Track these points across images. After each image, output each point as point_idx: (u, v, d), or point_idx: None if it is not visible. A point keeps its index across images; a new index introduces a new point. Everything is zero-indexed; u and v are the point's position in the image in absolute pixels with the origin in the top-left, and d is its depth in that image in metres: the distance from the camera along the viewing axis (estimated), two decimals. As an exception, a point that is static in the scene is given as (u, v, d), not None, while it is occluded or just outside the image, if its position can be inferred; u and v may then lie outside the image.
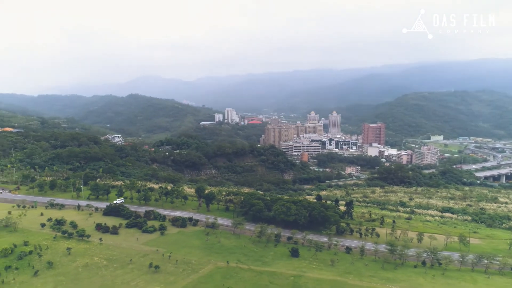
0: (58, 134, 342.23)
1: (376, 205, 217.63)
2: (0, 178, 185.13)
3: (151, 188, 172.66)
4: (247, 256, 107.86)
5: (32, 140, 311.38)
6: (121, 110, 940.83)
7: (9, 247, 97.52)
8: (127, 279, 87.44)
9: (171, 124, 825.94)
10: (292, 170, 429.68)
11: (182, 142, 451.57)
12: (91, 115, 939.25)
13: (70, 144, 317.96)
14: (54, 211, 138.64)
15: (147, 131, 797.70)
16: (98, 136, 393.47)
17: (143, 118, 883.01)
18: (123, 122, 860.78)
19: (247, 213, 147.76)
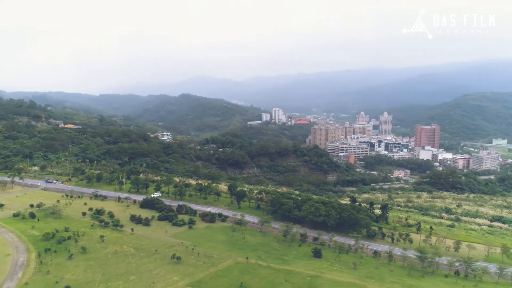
0: (112, 131, 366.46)
1: (418, 211, 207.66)
2: (56, 170, 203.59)
3: (188, 184, 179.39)
4: (269, 254, 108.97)
5: (89, 136, 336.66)
6: (173, 109, 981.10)
7: (51, 232, 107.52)
8: (149, 268, 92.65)
9: (219, 123, 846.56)
10: (336, 171, 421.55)
11: (226, 141, 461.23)
12: (146, 113, 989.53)
13: (122, 141, 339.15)
14: (97, 202, 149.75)
15: (197, 129, 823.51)
16: (147, 134, 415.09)
17: (194, 117, 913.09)
18: (174, 121, 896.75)
19: (276, 212, 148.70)
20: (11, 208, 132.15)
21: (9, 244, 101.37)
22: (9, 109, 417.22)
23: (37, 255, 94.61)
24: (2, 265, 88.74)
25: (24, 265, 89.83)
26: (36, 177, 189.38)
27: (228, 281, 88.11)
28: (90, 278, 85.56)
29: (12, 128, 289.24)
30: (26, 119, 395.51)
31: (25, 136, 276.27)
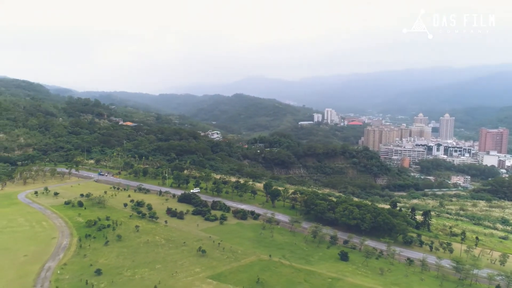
0: (164, 129, 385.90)
1: (469, 220, 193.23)
2: (109, 164, 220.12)
3: (226, 181, 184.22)
4: (294, 253, 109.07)
5: (143, 133, 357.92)
6: (226, 109, 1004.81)
7: (94, 220, 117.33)
8: (175, 258, 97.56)
9: (270, 123, 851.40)
10: (387, 175, 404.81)
11: (274, 141, 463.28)
12: (201, 112, 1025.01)
13: (173, 138, 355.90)
14: (140, 194, 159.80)
15: (248, 129, 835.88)
16: (197, 132, 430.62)
17: (246, 117, 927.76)
18: (227, 120, 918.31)
19: (309, 213, 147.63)
20: (64, 197, 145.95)
21: (57, 228, 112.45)
22: (76, 107, 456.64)
23: (78, 240, 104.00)
24: (48, 247, 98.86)
25: (66, 248, 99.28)
26: (90, 170, 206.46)
27: (247, 276, 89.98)
28: (120, 263, 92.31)
29: (76, 125, 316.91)
30: (90, 117, 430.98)
31: (86, 132, 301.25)
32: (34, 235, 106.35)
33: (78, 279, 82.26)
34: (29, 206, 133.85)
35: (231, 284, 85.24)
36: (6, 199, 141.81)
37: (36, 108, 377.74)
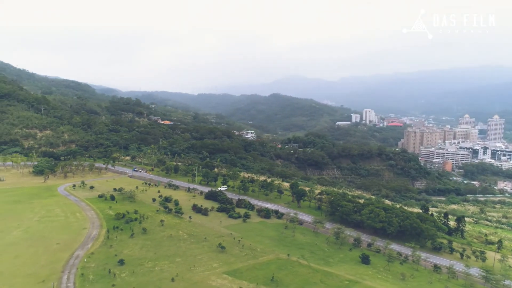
0: (199, 128, 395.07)
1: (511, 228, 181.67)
2: (143, 160, 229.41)
3: (253, 180, 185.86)
4: (313, 254, 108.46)
5: (179, 131, 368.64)
6: (263, 109, 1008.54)
7: (122, 213, 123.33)
8: (195, 253, 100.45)
9: (306, 123, 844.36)
10: (426, 178, 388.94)
11: (308, 141, 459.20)
12: (238, 112, 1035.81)
13: (207, 137, 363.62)
14: (169, 190, 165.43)
15: (284, 129, 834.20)
16: (232, 131, 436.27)
17: (282, 116, 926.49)
18: (263, 120, 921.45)
19: (334, 214, 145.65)
20: (98, 190, 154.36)
21: (89, 219, 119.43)
22: (118, 106, 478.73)
23: (106, 231, 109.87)
24: (78, 236, 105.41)
25: (95, 238, 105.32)
26: (126, 166, 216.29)
27: (263, 274, 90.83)
28: (143, 255, 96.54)
29: (116, 123, 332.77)
30: (131, 115, 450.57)
31: (125, 130, 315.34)
32: (67, 225, 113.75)
33: (102, 268, 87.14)
34: (66, 198, 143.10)
35: (246, 281, 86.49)
36: (47, 191, 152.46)
37: (82, 106, 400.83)
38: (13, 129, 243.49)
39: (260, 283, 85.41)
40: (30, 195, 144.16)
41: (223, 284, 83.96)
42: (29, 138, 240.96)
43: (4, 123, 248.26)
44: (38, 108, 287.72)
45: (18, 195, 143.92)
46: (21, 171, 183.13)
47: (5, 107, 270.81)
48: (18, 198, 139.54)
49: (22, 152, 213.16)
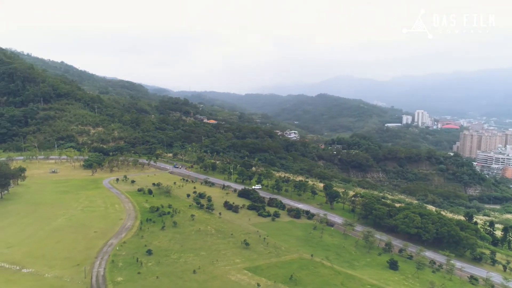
0: (242, 127, 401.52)
1: None
2: (184, 158, 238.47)
3: (287, 179, 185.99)
4: (339, 256, 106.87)
5: (222, 131, 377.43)
6: (309, 109, 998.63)
7: (157, 206, 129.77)
8: (220, 248, 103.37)
9: (354, 124, 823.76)
10: (480, 185, 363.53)
11: (353, 142, 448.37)
12: (284, 112, 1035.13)
13: (249, 136, 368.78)
14: (204, 187, 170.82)
15: (330, 129, 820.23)
16: (274, 131, 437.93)
17: (328, 117, 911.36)
18: (309, 120, 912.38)
19: (367, 217, 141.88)
20: (139, 185, 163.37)
21: (125, 211, 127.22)
22: (167, 105, 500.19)
23: (140, 223, 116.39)
24: (114, 226, 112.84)
25: (129, 228, 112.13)
26: (168, 162, 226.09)
27: (283, 272, 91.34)
28: (170, 247, 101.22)
29: (163, 121, 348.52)
30: (178, 114, 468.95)
31: (171, 128, 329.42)
32: (106, 215, 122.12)
33: (131, 256, 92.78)
34: (109, 190, 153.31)
35: (265, 277, 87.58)
36: (93, 184, 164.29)
37: (133, 105, 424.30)
38: (70, 126, 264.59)
39: (279, 281, 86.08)
40: (78, 187, 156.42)
41: (242, 279, 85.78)
42: (83, 134, 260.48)
43: (63, 120, 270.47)
44: (92, 107, 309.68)
45: (67, 186, 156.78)
46: (73, 164, 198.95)
47: (64, 105, 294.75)
48: (67, 189, 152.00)
49: (76, 147, 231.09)
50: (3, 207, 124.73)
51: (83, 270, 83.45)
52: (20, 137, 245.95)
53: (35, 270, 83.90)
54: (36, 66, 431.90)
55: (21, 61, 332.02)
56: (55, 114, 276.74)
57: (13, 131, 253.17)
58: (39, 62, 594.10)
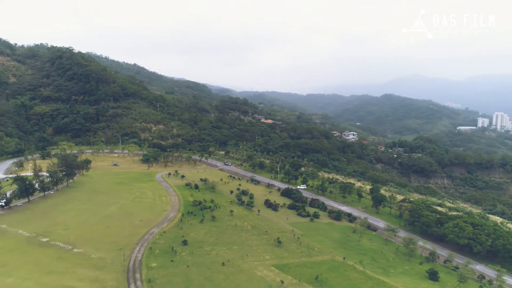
0: (297, 127, 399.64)
1: None
2: (235, 156, 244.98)
3: (333, 180, 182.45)
4: (374, 261, 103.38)
5: (277, 130, 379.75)
6: (372, 110, 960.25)
7: (199, 201, 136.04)
8: (253, 244, 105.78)
9: (421, 127, 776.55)
10: None
11: (416, 146, 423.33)
12: (346, 113, 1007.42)
13: (305, 136, 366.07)
14: (249, 185, 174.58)
15: (395, 131, 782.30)
16: (330, 132, 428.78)
17: (393, 119, 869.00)
18: (372, 121, 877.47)
19: (413, 224, 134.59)
20: (188, 179, 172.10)
21: (170, 203, 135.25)
22: (227, 105, 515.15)
23: (181, 215, 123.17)
24: (158, 217, 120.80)
25: (171, 220, 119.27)
26: (219, 160, 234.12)
27: (310, 272, 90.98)
28: (205, 239, 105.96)
29: (219, 120, 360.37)
30: (237, 114, 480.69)
31: (227, 127, 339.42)
32: (152, 206, 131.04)
33: (168, 245, 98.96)
34: (159, 183, 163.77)
35: (291, 275, 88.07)
36: (147, 177, 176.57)
37: (195, 105, 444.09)
38: (134, 123, 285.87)
39: (304, 280, 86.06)
40: (133, 179, 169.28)
41: (267, 275, 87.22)
42: (145, 131, 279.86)
43: (128, 118, 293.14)
44: (155, 106, 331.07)
45: (124, 178, 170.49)
46: (133, 158, 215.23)
47: (131, 104, 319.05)
48: (124, 180, 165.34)
49: (138, 142, 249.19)
50: (68, 194, 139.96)
51: (123, 254, 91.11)
52: (92, 132, 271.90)
53: (83, 250, 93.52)
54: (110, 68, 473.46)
55: (96, 64, 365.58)
56: (122, 112, 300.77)
57: (87, 127, 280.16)
58: (115, 64, 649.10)
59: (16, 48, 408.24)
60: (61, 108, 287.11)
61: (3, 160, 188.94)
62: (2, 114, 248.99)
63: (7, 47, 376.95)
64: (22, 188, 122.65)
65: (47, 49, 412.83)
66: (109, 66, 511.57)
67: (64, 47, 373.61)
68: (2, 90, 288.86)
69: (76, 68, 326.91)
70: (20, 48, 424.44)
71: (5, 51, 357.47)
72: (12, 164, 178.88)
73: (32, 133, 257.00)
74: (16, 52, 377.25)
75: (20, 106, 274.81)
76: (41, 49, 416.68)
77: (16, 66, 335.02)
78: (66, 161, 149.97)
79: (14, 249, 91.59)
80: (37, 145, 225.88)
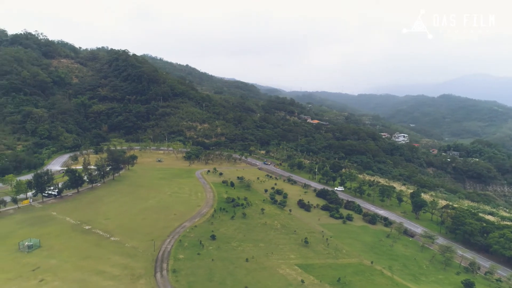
0: (343, 128, 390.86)
1: None
2: (275, 155, 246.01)
3: (372, 183, 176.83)
4: (404, 268, 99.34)
5: (322, 131, 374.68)
6: (428, 111, 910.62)
7: (233, 198, 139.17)
8: (280, 242, 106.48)
9: (483, 130, 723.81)
10: None
11: (473, 150, 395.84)
12: (399, 114, 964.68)
13: (350, 138, 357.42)
14: (285, 184, 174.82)
15: (452, 134, 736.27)
16: (378, 133, 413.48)
17: (451, 121, 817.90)
18: (428, 123, 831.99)
19: (455, 232, 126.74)
20: (225, 177, 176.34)
21: (205, 199, 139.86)
22: (273, 105, 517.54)
23: (214, 211, 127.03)
24: (191, 211, 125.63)
25: (203, 215, 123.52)
26: (259, 159, 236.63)
27: (334, 274, 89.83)
28: (234, 235, 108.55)
29: (264, 120, 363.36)
30: (283, 114, 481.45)
31: (270, 127, 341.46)
32: (188, 201, 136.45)
33: (197, 239, 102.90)
34: (198, 180, 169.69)
35: (313, 276, 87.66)
36: (188, 173, 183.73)
37: (241, 104, 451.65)
38: (181, 122, 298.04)
39: (325, 281, 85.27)
40: (174, 175, 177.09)
41: (289, 274, 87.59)
42: (191, 129, 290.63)
43: (176, 117, 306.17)
44: (202, 105, 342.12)
45: (166, 173, 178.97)
46: (177, 155, 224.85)
47: (179, 103, 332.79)
48: (165, 176, 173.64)
49: (183, 140, 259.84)
50: (113, 186, 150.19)
51: (153, 245, 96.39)
52: (142, 130, 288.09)
53: (119, 239, 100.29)
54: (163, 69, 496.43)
55: (149, 65, 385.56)
56: (170, 111, 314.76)
57: (138, 125, 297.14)
58: (168, 65, 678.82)
59: (80, 51, 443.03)
60: (116, 107, 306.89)
61: (62, 154, 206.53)
62: (64, 112, 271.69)
63: (72, 51, 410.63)
64: (72, 179, 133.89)
65: (106, 52, 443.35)
66: (162, 67, 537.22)
67: (121, 50, 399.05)
68: (65, 90, 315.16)
69: (130, 70, 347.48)
70: (84, 51, 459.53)
71: (70, 54, 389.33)
72: (69, 157, 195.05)
73: (89, 130, 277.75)
74: (79, 55, 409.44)
75: (80, 105, 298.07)
76: (101, 52, 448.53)
77: (79, 68, 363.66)
78: (113, 156, 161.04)
79: (60, 235, 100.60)
80: (92, 141, 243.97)
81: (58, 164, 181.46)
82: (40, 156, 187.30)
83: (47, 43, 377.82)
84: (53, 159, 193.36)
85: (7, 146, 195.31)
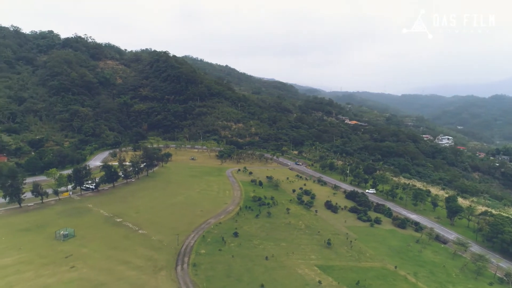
0: (381, 129, 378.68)
1: None
2: (307, 155, 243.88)
3: (405, 186, 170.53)
4: (431, 275, 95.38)
5: (359, 132, 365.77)
6: (478, 112, 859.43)
7: (259, 196, 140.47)
8: (301, 242, 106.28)
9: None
10: None
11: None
12: (445, 115, 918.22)
13: (389, 139, 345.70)
14: (315, 185, 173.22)
15: (505, 138, 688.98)
16: (419, 135, 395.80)
17: (504, 123, 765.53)
18: (477, 125, 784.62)
19: (492, 241, 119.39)
20: (254, 176, 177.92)
21: (232, 197, 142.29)
22: (310, 105, 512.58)
23: (239, 209, 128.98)
24: (217, 209, 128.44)
25: (228, 212, 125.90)
26: (291, 159, 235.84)
27: (353, 276, 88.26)
28: (256, 233, 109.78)
29: (299, 120, 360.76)
30: (320, 114, 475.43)
31: (305, 127, 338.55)
32: (215, 199, 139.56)
33: (220, 235, 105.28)
34: (227, 178, 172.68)
35: (332, 277, 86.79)
36: (218, 171, 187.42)
37: (278, 105, 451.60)
38: (216, 121, 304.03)
39: (344, 284, 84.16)
40: (205, 173, 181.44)
41: (307, 274, 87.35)
42: (226, 129, 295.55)
43: (212, 116, 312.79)
44: (237, 105, 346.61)
45: (198, 171, 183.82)
46: (210, 154, 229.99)
47: (215, 103, 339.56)
48: (196, 173, 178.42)
49: (217, 139, 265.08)
50: (146, 182, 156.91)
51: (177, 239, 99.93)
52: (179, 128, 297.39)
53: (147, 232, 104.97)
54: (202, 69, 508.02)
55: (187, 66, 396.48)
56: (207, 110, 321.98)
57: (175, 124, 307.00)
58: (207, 66, 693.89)
59: (124, 53, 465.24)
60: (155, 107, 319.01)
61: (103, 150, 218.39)
62: (108, 111, 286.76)
63: (117, 52, 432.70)
64: (108, 175, 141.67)
65: (148, 54, 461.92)
66: (201, 67, 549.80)
67: (162, 51, 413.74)
68: (110, 90, 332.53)
69: (170, 70, 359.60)
70: (128, 53, 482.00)
71: (115, 56, 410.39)
72: (109, 154, 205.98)
73: (130, 128, 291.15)
74: (123, 56, 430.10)
75: (123, 104, 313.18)
76: (144, 54, 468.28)
77: (123, 69, 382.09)
78: (147, 153, 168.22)
79: (93, 226, 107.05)
80: (132, 138, 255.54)
81: (99, 160, 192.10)
82: (83, 152, 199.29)
83: (95, 46, 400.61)
84: (95, 155, 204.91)
85: (55, 142, 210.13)
